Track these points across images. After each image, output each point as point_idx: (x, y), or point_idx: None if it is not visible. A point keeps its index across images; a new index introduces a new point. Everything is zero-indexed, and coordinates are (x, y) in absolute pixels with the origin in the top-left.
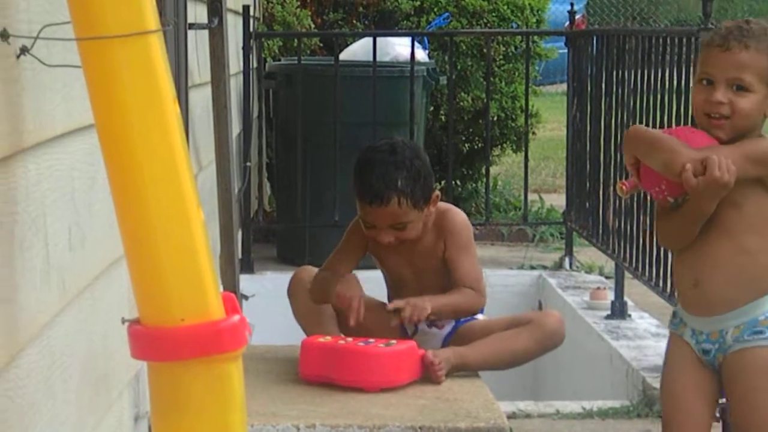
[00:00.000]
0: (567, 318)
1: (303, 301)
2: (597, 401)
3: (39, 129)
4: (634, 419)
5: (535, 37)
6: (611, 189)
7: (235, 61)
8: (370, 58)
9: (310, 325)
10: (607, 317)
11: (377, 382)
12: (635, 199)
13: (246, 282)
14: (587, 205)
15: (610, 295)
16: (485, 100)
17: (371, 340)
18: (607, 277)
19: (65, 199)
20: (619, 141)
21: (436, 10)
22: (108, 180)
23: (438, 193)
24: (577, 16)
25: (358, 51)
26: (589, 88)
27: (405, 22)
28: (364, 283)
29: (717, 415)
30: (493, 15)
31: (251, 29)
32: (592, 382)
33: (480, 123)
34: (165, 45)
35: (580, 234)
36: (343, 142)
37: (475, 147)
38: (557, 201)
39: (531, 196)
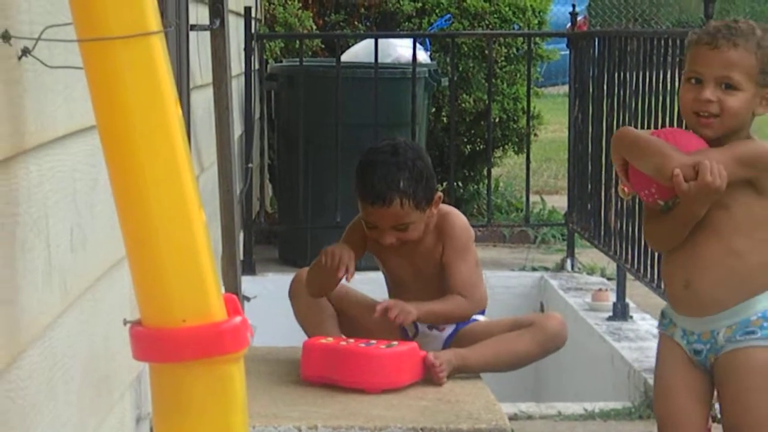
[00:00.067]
0: (568, 319)
1: (304, 303)
2: (599, 402)
3: (41, 130)
4: (635, 420)
5: (537, 39)
6: (613, 190)
7: (236, 63)
8: (372, 60)
9: (311, 326)
10: (609, 319)
11: (379, 384)
12: (637, 200)
13: (247, 283)
14: (589, 206)
15: (612, 297)
16: (487, 102)
17: (373, 341)
18: (608, 279)
19: (67, 200)
20: None
21: (437, 11)
22: (110, 181)
23: (440, 194)
24: (578, 18)
25: (359, 52)
26: (590, 90)
27: (407, 23)
28: (365, 284)
29: (717, 416)
30: (495, 16)
31: (253, 30)
32: (593, 384)
33: (482, 124)
34: (167, 46)
35: (581, 235)
36: (344, 143)
37: (477, 148)
38: (559, 202)
39: (533, 198)
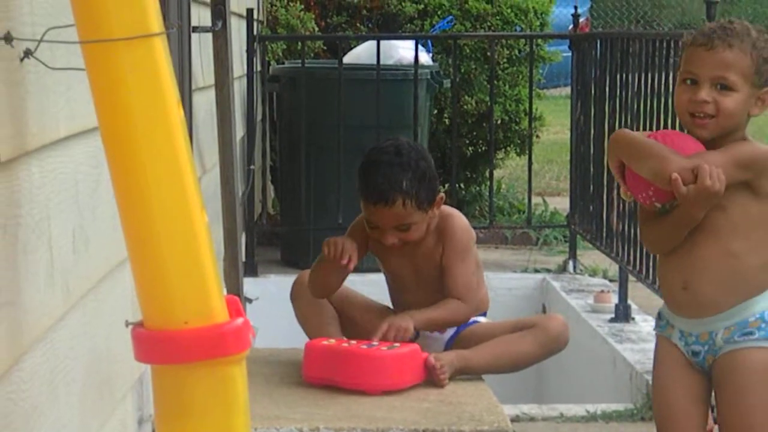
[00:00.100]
0: (571, 321)
1: (306, 305)
2: (601, 404)
3: (43, 132)
4: (637, 422)
5: (539, 41)
6: (615, 192)
7: (238, 64)
8: (374, 62)
9: (312, 328)
10: (611, 320)
11: (381, 385)
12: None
13: (250, 285)
14: (591, 208)
15: (614, 298)
16: (489, 104)
17: (374, 342)
18: (611, 280)
19: (69, 201)
20: None
21: (439, 13)
22: (112, 183)
23: (442, 195)
24: (581, 20)
25: (361, 54)
26: (592, 91)
27: (409, 25)
28: (366, 286)
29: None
30: (497, 18)
31: (255, 32)
32: (595, 385)
33: (484, 126)
34: (169, 48)
35: (583, 237)
36: (346, 145)
37: (479, 150)
38: (561, 204)
39: (535, 200)
